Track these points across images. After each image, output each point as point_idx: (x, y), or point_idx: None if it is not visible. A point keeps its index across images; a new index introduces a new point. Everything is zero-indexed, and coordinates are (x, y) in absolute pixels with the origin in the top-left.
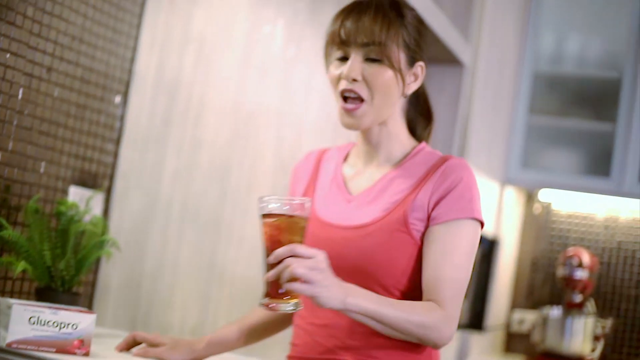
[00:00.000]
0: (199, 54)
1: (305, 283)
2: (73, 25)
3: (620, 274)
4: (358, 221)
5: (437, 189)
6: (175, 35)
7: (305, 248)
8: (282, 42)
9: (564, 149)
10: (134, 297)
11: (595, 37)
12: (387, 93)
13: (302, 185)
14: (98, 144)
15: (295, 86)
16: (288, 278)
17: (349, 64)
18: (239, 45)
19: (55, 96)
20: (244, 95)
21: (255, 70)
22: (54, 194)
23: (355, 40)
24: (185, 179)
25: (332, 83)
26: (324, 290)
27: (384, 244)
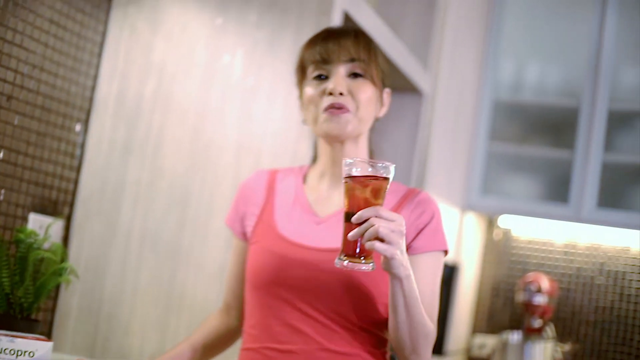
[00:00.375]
0: (159, 82)
1: (386, 244)
2: (34, 54)
3: (579, 299)
4: (332, 244)
5: (414, 222)
6: (135, 64)
7: (388, 211)
8: (241, 72)
9: (523, 175)
10: (93, 323)
11: (554, 65)
12: (369, 107)
13: (255, 203)
14: (58, 172)
15: (254, 115)
16: (371, 237)
17: (333, 79)
18: (198, 75)
19: (16, 124)
20: (204, 123)
21: (215, 99)
22: (14, 221)
23: (339, 57)
24: (145, 206)
25: (311, 101)
26: (399, 254)
27: None
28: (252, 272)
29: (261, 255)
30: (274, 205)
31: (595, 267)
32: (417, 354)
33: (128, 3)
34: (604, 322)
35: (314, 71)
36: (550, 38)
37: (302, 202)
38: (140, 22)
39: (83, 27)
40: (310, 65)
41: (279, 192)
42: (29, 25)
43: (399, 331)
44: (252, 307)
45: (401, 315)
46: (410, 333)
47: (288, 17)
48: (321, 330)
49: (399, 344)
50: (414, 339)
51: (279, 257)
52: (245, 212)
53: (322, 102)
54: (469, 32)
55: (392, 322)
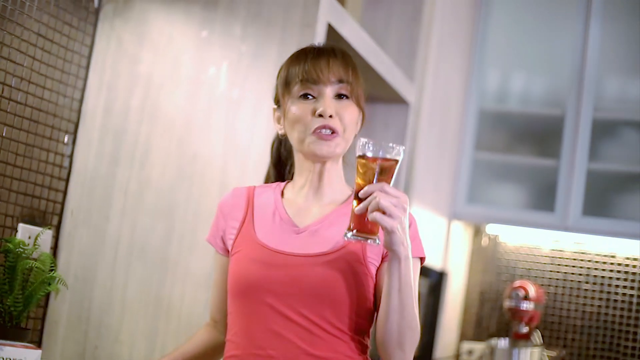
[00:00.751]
0: (146, 94)
1: (387, 216)
2: (21, 67)
3: (566, 305)
4: (315, 250)
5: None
6: (122, 76)
7: (393, 188)
8: (226, 84)
9: (509, 184)
10: (83, 331)
11: (539, 75)
12: (353, 128)
13: (235, 218)
14: (47, 182)
15: (240, 127)
16: (373, 209)
17: (323, 101)
18: (184, 86)
19: (4, 135)
20: (190, 135)
21: (201, 110)
22: (3, 232)
23: (329, 78)
24: (133, 216)
25: (298, 121)
26: (400, 230)
27: (344, 272)
28: (234, 280)
29: (242, 263)
30: (254, 218)
31: (582, 273)
32: (402, 350)
33: (114, 16)
34: (590, 327)
35: (300, 89)
36: (535, 48)
37: (281, 214)
38: (126, 34)
39: (70, 40)
40: (297, 83)
41: (258, 206)
42: (17, 38)
43: (388, 320)
44: (234, 315)
45: (394, 300)
46: (400, 323)
47: (272, 29)
48: (303, 335)
49: (386, 336)
50: (402, 330)
51: (259, 264)
52: (226, 228)
53: (312, 124)
54: (454, 43)
55: (383, 309)
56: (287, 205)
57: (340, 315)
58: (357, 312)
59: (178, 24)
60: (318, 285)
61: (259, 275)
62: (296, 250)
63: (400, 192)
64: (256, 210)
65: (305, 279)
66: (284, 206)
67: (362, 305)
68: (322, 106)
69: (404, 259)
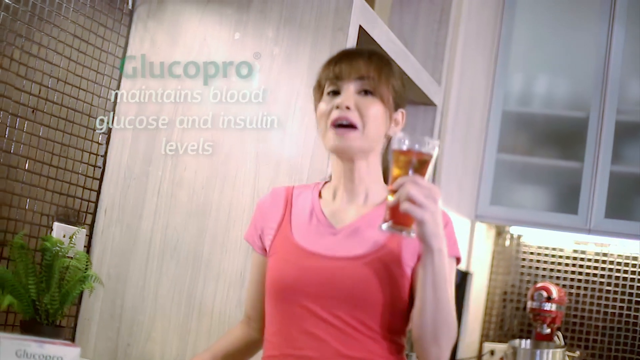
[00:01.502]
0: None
1: (417, 206)
2: (58, 67)
3: (588, 306)
4: (352, 252)
5: None
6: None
7: (426, 180)
8: (259, 84)
9: (532, 186)
10: (115, 329)
11: (562, 77)
12: (377, 124)
13: (273, 218)
14: (81, 182)
15: (272, 127)
16: (404, 199)
17: (342, 94)
18: (213, 83)
19: (40, 135)
20: (222, 135)
21: (233, 112)
22: (39, 230)
23: (350, 74)
24: (165, 215)
25: (322, 117)
26: (431, 221)
27: (379, 274)
28: (271, 282)
29: (279, 265)
30: (291, 219)
31: (604, 274)
32: (437, 345)
33: (148, 17)
34: (612, 329)
35: (327, 87)
36: (558, 51)
37: (318, 215)
38: (160, 35)
39: (105, 41)
40: (326, 83)
41: (296, 207)
42: (53, 39)
43: (423, 314)
44: (271, 315)
45: (428, 293)
46: (434, 318)
47: (305, 32)
48: (338, 336)
49: (421, 330)
50: (438, 325)
51: (296, 266)
52: (264, 228)
53: (331, 116)
54: (478, 46)
55: (418, 303)
56: (324, 206)
57: (375, 317)
58: (392, 313)
59: (211, 26)
60: (353, 288)
61: (294, 278)
62: (332, 252)
63: (433, 185)
64: (294, 210)
65: (339, 281)
66: (321, 207)
67: (397, 306)
68: (340, 98)
69: (437, 251)
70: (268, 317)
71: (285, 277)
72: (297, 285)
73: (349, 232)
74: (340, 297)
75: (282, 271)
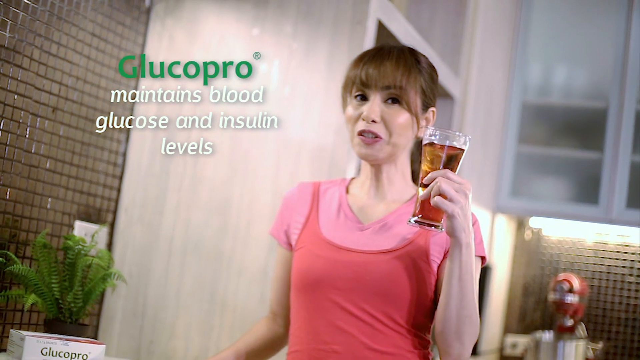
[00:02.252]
0: (198, 92)
1: (447, 200)
2: (77, 66)
3: (610, 297)
4: (380, 247)
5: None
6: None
7: (456, 175)
8: (277, 81)
9: (552, 177)
10: (138, 326)
11: (581, 68)
12: (403, 134)
13: (300, 213)
14: (101, 180)
15: (292, 123)
16: (435, 193)
17: (369, 105)
18: (236, 83)
19: (61, 135)
20: (242, 131)
21: (252, 108)
22: (60, 229)
23: (376, 83)
24: (186, 212)
25: (350, 121)
26: (461, 215)
27: (407, 269)
28: (298, 275)
29: (306, 258)
30: (319, 214)
31: (625, 266)
32: (460, 341)
33: (166, 15)
34: (635, 320)
35: (355, 91)
36: (577, 41)
37: (345, 211)
38: (178, 33)
39: (123, 39)
40: (354, 83)
41: (323, 202)
42: (72, 38)
43: (447, 307)
44: (297, 309)
45: (454, 287)
46: (459, 312)
47: (323, 27)
48: (365, 330)
49: (445, 324)
50: (461, 321)
51: (324, 260)
52: (290, 222)
53: (358, 126)
54: (497, 37)
55: (444, 297)
56: (351, 202)
57: (402, 312)
58: (418, 308)
59: (229, 22)
60: (381, 282)
61: (323, 271)
62: (360, 246)
63: (464, 180)
64: (321, 205)
65: (368, 275)
66: (349, 203)
67: (423, 302)
68: (366, 111)
69: (465, 246)
70: (293, 312)
71: (313, 270)
72: (325, 278)
73: (377, 228)
74: (368, 291)
75: (310, 264)
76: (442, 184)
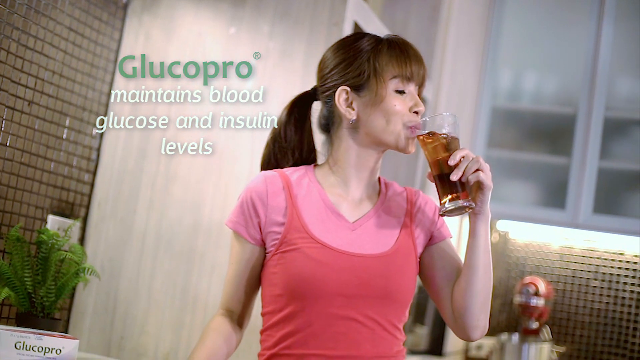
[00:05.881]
0: (173, 89)
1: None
2: (53, 61)
3: (574, 301)
4: (376, 249)
5: (425, 218)
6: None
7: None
8: (254, 80)
9: (520, 181)
10: (109, 322)
11: (551, 74)
12: None
13: (275, 208)
14: (75, 175)
15: (267, 122)
16: (473, 168)
17: (415, 98)
18: (211, 82)
19: (36, 128)
20: (217, 130)
21: (228, 106)
22: (34, 223)
23: (417, 79)
24: (159, 209)
25: (399, 113)
26: (490, 189)
27: (402, 270)
28: (295, 281)
29: (303, 262)
30: (300, 209)
31: (591, 270)
32: (485, 312)
33: (142, 11)
34: (599, 324)
35: (398, 84)
36: (547, 47)
37: (329, 207)
38: (154, 30)
39: (100, 34)
40: (395, 77)
41: (300, 196)
42: (50, 32)
43: (474, 283)
44: (291, 314)
45: (481, 260)
46: (486, 284)
47: (300, 27)
48: (367, 336)
49: (472, 302)
50: (487, 291)
51: (327, 267)
52: (264, 217)
53: (410, 118)
54: (469, 42)
55: (468, 275)
56: (331, 197)
57: (399, 314)
58: (406, 307)
59: (206, 21)
60: (384, 286)
61: (326, 278)
62: (358, 249)
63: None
64: (299, 200)
65: (372, 281)
66: (329, 197)
67: (410, 300)
68: (420, 105)
69: (488, 218)
70: (282, 315)
71: (315, 276)
72: (329, 285)
73: (366, 227)
74: (372, 297)
75: (311, 270)
76: (480, 159)
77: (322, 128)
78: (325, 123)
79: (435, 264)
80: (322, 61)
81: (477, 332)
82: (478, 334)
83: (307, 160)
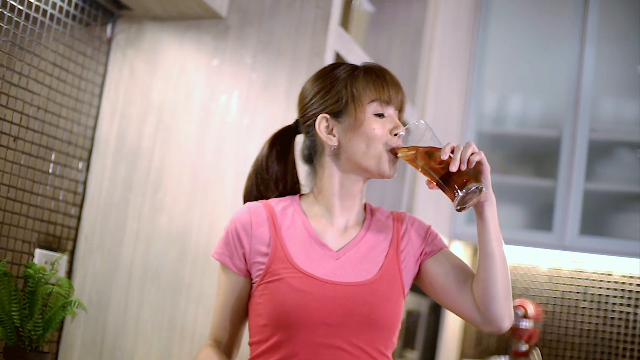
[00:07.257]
0: (158, 122)
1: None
2: (38, 96)
3: (564, 323)
4: (360, 277)
5: (414, 239)
6: (135, 104)
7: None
8: (237, 112)
9: (507, 204)
10: (97, 355)
11: (535, 97)
12: None
13: (259, 239)
14: (62, 208)
15: (251, 153)
16: (471, 152)
17: (397, 122)
18: (196, 114)
19: (22, 164)
20: (202, 162)
21: (212, 138)
22: (20, 257)
23: (395, 101)
24: (146, 241)
25: (379, 138)
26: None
27: (387, 296)
28: (280, 311)
29: (288, 293)
30: (284, 240)
31: (579, 292)
32: (508, 300)
33: (127, 45)
34: (588, 345)
35: (377, 108)
36: (531, 71)
37: (313, 236)
38: (138, 63)
39: (84, 69)
40: (374, 101)
41: (284, 226)
42: (34, 68)
43: (493, 274)
44: (278, 343)
45: (495, 248)
46: (504, 271)
47: (282, 58)
48: None
49: (493, 292)
50: (507, 277)
51: (310, 296)
52: (249, 248)
53: (391, 142)
54: (453, 67)
55: (487, 260)
56: (315, 226)
57: (386, 341)
58: (395, 333)
59: (189, 53)
60: (369, 315)
61: (309, 307)
62: (342, 278)
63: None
64: (283, 230)
65: (357, 309)
66: (313, 227)
67: (397, 326)
68: (400, 128)
69: (494, 201)
70: (268, 345)
71: (299, 306)
72: (314, 316)
73: (350, 255)
74: (357, 325)
75: (296, 301)
76: (468, 145)
77: (305, 159)
78: (308, 153)
79: (438, 273)
80: (301, 92)
81: (507, 321)
82: (507, 322)
83: (292, 191)
